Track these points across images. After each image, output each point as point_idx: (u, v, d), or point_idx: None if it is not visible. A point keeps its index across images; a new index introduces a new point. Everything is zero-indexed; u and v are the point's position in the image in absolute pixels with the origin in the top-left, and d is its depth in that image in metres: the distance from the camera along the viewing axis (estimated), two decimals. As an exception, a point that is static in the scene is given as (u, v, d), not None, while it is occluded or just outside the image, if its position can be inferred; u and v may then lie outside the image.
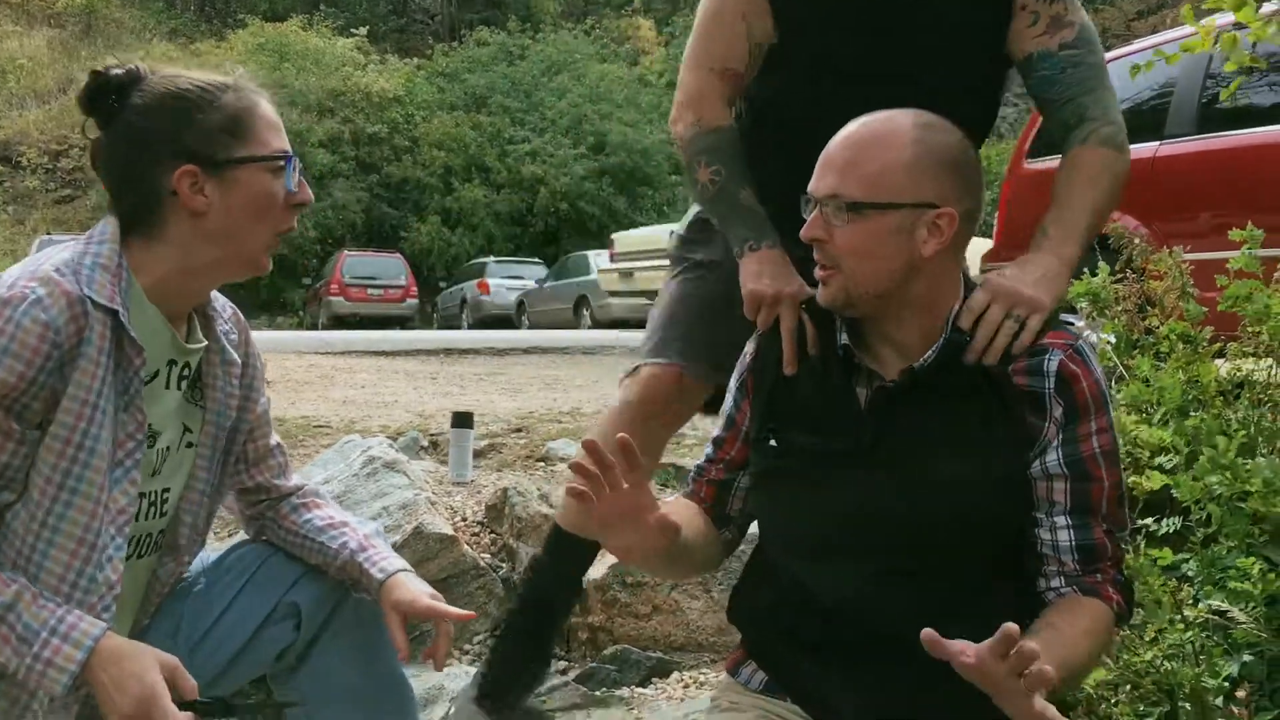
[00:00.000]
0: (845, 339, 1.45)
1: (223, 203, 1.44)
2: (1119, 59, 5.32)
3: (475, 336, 12.75)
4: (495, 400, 5.84)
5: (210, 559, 1.68)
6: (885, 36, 1.79)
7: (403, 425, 4.58)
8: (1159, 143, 4.64)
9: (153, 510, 1.51)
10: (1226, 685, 1.69)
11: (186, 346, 1.51)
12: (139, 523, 1.48)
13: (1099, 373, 1.40)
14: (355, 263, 20.97)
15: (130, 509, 1.44)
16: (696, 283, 2.04)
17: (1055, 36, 1.81)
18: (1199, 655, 1.75)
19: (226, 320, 1.61)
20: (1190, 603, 1.83)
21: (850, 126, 1.43)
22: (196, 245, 1.45)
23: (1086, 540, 1.37)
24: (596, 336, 11.90)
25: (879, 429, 1.40)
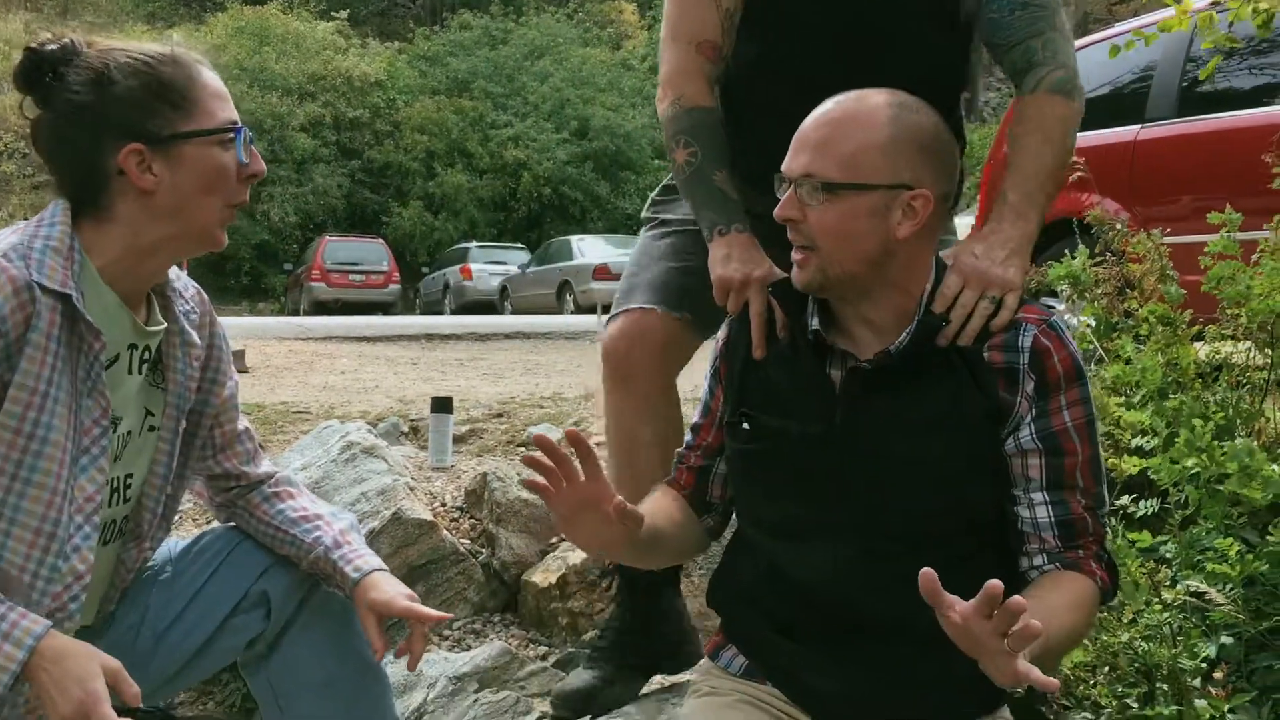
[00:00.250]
0: (815, 324, 1.44)
1: (172, 179, 1.39)
2: (1101, 42, 5.32)
3: (457, 322, 12.70)
4: (477, 385, 5.82)
5: (177, 547, 1.66)
6: None
7: (383, 411, 4.55)
8: (1139, 126, 4.65)
9: (116, 496, 1.49)
10: (1204, 666, 1.70)
11: (146, 329, 1.47)
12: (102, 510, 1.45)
13: (1073, 347, 1.39)
14: (337, 248, 20.85)
15: (98, 496, 1.41)
16: (661, 237, 2.01)
17: None
18: (1177, 637, 1.75)
19: (188, 301, 1.57)
20: (1168, 584, 1.83)
21: (824, 106, 1.42)
22: (147, 224, 1.41)
23: (1065, 516, 1.37)
24: (579, 321, 11.88)
25: (852, 410, 1.39)
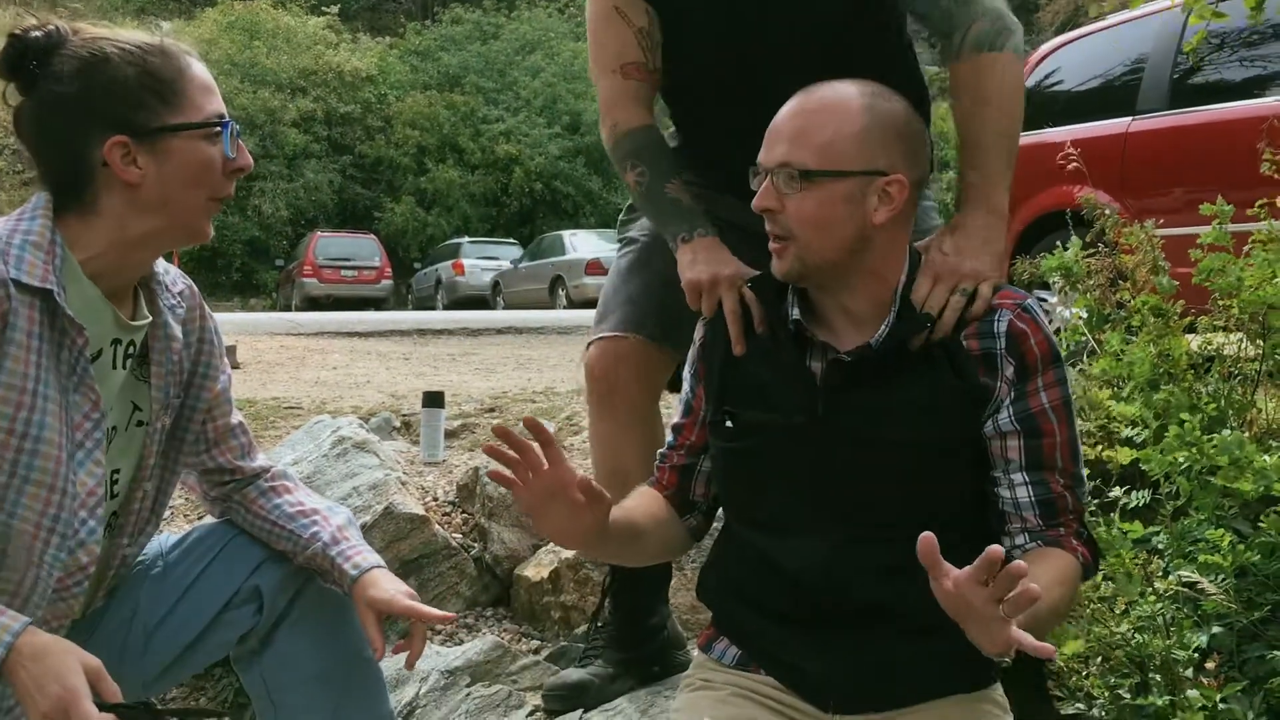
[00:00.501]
0: (796, 314, 1.45)
1: (157, 173, 1.38)
2: (1093, 34, 5.33)
3: (449, 317, 12.68)
4: (469, 380, 5.81)
5: (169, 542, 1.65)
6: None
7: (375, 406, 4.54)
8: (1131, 118, 4.66)
9: (104, 492, 1.47)
10: (1196, 656, 1.70)
11: (131, 323, 1.46)
12: None
13: (1049, 329, 1.41)
14: (328, 244, 20.82)
15: (99, 490, 1.40)
16: (632, 256, 2.02)
17: None
18: (1169, 627, 1.75)
19: (175, 295, 1.56)
20: (1160, 575, 1.84)
21: (797, 97, 1.43)
22: (132, 217, 1.39)
23: (1045, 495, 1.39)
24: (572, 316, 11.87)
25: (834, 402, 1.40)
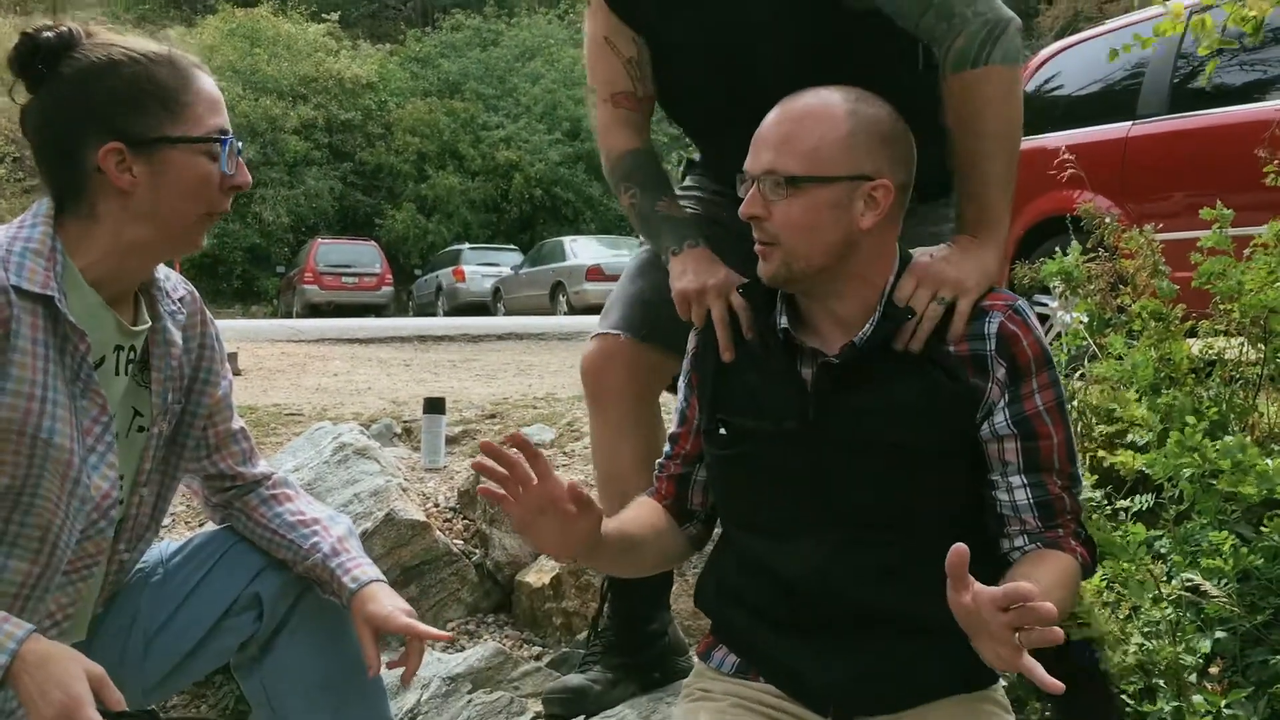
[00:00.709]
0: (784, 322, 1.45)
1: (151, 182, 1.38)
2: (1092, 39, 5.33)
3: (450, 323, 12.67)
4: (469, 386, 5.80)
5: (169, 549, 1.65)
6: (698, 10, 1.74)
7: (376, 412, 4.53)
8: (1131, 123, 4.66)
9: (111, 512, 1.46)
10: (1200, 661, 1.70)
11: (132, 329, 1.46)
12: None
13: (1039, 331, 1.41)
14: (329, 250, 20.81)
15: (114, 493, 1.41)
16: (645, 256, 2.02)
17: None
18: (1174, 632, 1.75)
19: (175, 301, 1.56)
20: (1164, 579, 1.83)
21: (782, 104, 1.43)
22: (126, 224, 1.39)
23: (1044, 497, 1.39)
24: (573, 322, 11.86)
25: (825, 406, 1.40)
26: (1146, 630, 1.76)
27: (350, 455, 3.13)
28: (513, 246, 21.84)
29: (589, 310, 14.88)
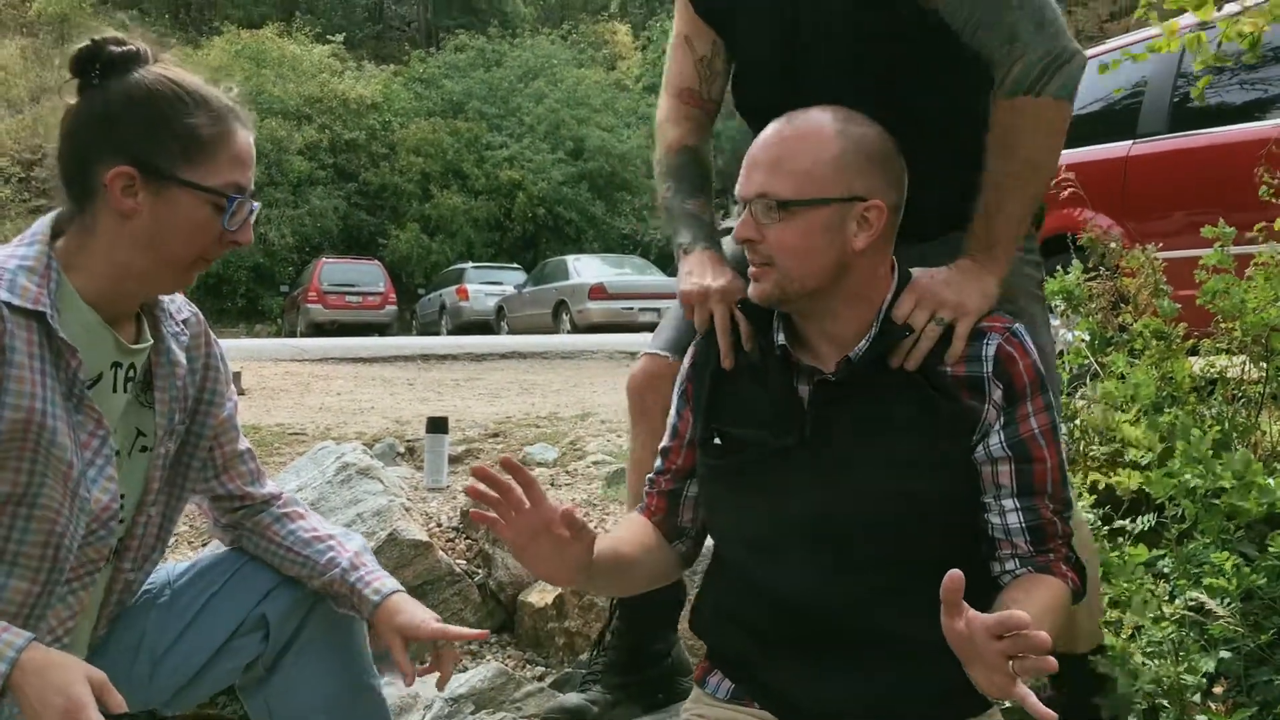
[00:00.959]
0: (783, 339, 1.45)
1: (153, 214, 1.39)
2: (1093, 58, 5.34)
3: (453, 342, 12.68)
4: (473, 405, 5.81)
5: (176, 570, 1.65)
6: (784, 15, 1.71)
7: (379, 432, 4.54)
8: (1131, 142, 4.67)
9: (111, 524, 1.47)
10: (1204, 681, 1.69)
11: (130, 347, 1.47)
12: None
13: (1036, 355, 1.42)
14: (333, 270, 20.85)
15: (114, 505, 1.42)
16: None
17: None
18: (1177, 652, 1.74)
19: (179, 322, 1.57)
20: (1167, 599, 1.83)
21: (773, 126, 1.44)
22: (121, 247, 1.40)
23: (1035, 521, 1.39)
24: (575, 341, 11.87)
25: (821, 424, 1.41)
26: (1149, 650, 1.75)
27: (353, 475, 3.13)
28: (516, 265, 21.88)
29: (592, 329, 14.88)
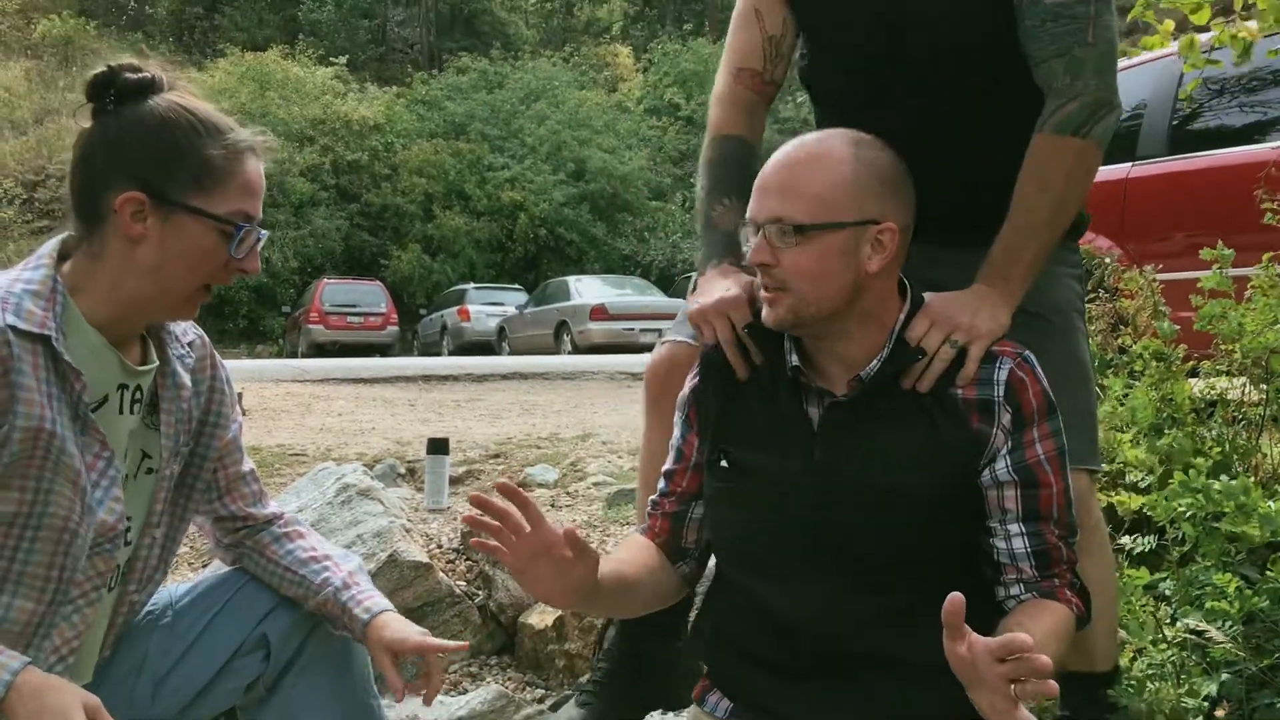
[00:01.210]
0: (795, 360, 1.45)
1: (160, 240, 1.41)
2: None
3: (454, 363, 12.69)
4: (474, 426, 5.81)
5: (178, 591, 1.65)
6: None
7: (380, 453, 4.54)
8: (1131, 164, 4.69)
9: (117, 540, 1.48)
10: (1206, 704, 1.68)
11: (136, 369, 1.48)
12: None
13: (1045, 382, 1.42)
14: (335, 290, 20.88)
15: (120, 526, 1.43)
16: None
17: None
18: (1179, 675, 1.74)
19: (184, 345, 1.58)
20: (1168, 622, 1.82)
21: (785, 149, 1.44)
22: (128, 273, 1.41)
23: (1041, 546, 1.39)
24: (577, 362, 11.88)
25: (831, 447, 1.41)
26: (1150, 673, 1.75)
27: (354, 496, 3.13)
28: (517, 286, 21.92)
29: (593, 350, 14.90)
